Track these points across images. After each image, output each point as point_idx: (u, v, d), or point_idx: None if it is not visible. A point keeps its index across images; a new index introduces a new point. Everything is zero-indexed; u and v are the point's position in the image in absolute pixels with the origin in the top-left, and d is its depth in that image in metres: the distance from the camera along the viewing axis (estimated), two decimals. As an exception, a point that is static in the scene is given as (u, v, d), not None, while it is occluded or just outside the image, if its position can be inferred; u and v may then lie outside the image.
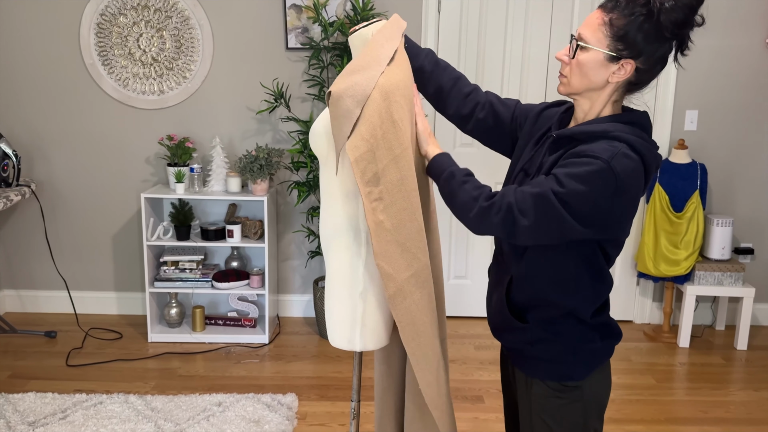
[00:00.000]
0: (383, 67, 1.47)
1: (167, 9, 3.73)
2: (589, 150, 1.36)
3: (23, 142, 3.89)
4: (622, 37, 1.36)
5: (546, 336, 1.51)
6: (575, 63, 1.42)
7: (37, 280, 4.06)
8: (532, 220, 1.36)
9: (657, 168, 1.45)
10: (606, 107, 1.45)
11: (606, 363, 1.56)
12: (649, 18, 1.34)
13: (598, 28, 1.38)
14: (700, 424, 2.98)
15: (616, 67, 1.39)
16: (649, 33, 1.36)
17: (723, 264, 3.74)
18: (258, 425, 2.83)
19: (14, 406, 2.95)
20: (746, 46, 3.81)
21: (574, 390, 1.51)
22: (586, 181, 1.32)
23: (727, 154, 3.94)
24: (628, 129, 1.40)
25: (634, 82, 1.42)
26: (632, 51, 1.37)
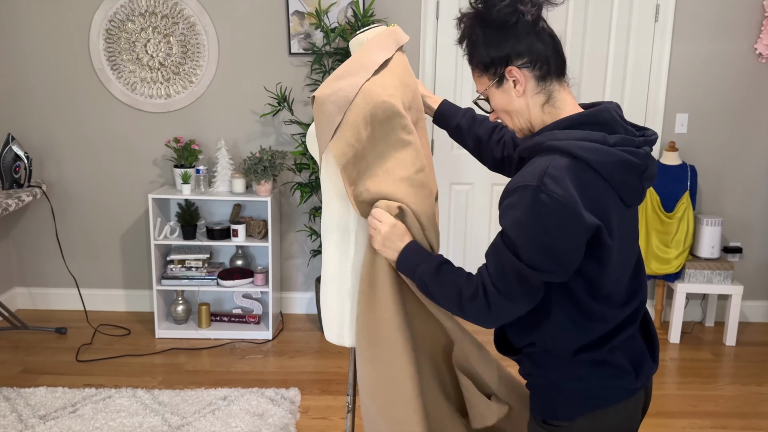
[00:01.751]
0: (369, 74, 1.46)
1: (174, 15, 3.73)
2: (516, 182, 1.23)
3: (34, 145, 3.89)
4: (486, 65, 1.32)
5: (534, 370, 1.39)
6: (497, 112, 1.37)
7: (48, 278, 4.06)
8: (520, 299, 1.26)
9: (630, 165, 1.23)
10: (545, 111, 1.31)
11: (614, 407, 1.32)
12: (479, 35, 1.31)
13: (475, 77, 1.37)
14: (690, 418, 2.98)
15: (510, 83, 1.31)
16: (491, 41, 1.30)
17: (712, 262, 3.73)
18: (262, 419, 2.83)
19: (26, 400, 2.95)
20: (735, 52, 3.81)
21: (559, 430, 1.34)
22: (532, 218, 1.19)
23: (716, 156, 3.94)
24: (567, 133, 1.24)
25: (539, 73, 1.29)
26: (500, 63, 1.30)
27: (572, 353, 1.32)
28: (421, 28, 3.76)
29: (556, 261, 1.21)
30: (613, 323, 1.31)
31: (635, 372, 1.33)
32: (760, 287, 4.10)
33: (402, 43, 1.58)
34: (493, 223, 4.02)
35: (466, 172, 3.93)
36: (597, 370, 1.31)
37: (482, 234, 4.04)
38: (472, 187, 3.97)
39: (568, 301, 1.29)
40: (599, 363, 1.31)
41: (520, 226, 1.21)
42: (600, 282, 1.27)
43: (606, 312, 1.30)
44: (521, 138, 1.42)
